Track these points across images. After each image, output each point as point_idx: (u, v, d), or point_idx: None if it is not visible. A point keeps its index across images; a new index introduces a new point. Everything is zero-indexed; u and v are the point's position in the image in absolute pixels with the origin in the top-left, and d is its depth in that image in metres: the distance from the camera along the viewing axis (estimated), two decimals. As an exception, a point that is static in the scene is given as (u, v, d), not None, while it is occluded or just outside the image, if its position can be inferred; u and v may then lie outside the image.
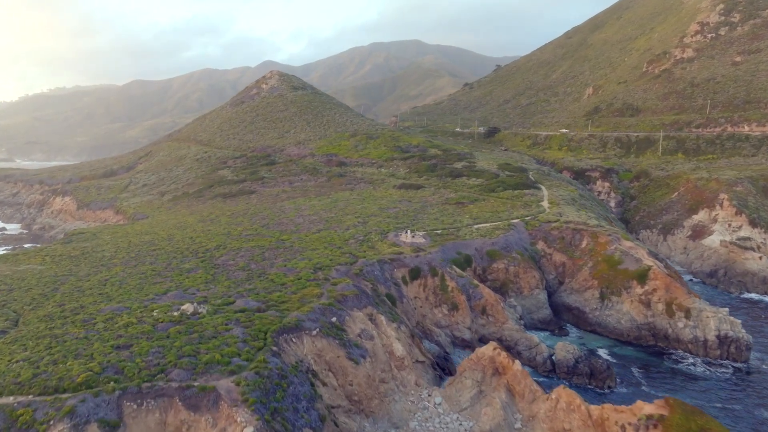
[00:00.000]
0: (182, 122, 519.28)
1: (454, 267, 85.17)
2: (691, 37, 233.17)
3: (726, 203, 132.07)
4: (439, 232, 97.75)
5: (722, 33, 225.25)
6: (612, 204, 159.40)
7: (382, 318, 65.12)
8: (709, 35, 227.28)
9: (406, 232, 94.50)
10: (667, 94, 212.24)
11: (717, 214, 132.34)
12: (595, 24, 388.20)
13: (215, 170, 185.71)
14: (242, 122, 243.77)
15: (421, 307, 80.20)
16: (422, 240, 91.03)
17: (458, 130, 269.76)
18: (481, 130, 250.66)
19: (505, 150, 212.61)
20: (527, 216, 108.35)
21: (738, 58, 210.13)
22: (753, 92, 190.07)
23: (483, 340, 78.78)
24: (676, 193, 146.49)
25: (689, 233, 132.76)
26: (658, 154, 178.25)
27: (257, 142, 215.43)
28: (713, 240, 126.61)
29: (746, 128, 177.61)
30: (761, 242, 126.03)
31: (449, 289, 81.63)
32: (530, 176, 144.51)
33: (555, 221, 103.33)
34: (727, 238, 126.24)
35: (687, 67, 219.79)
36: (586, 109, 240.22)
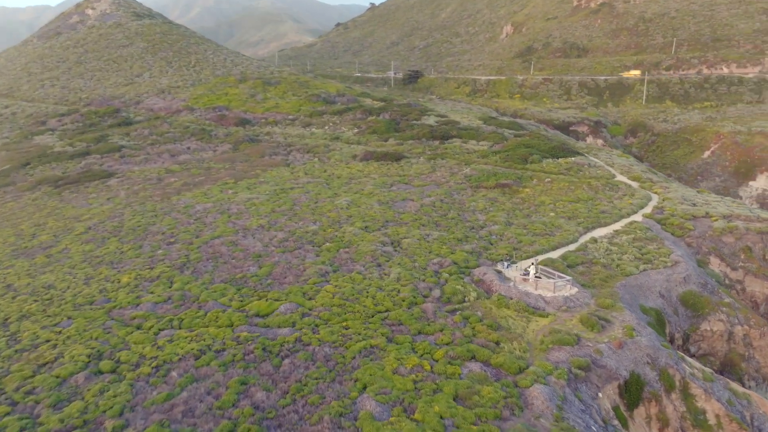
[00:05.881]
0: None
1: (693, 364, 38.59)
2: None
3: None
4: (552, 256, 50.03)
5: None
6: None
7: None
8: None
9: (512, 264, 45.74)
10: (617, 31, 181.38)
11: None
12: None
13: (29, 136, 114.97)
14: (63, 62, 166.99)
15: (680, 485, 32.66)
16: (573, 289, 42.69)
17: (358, 74, 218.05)
18: (394, 74, 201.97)
19: (441, 99, 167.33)
20: (641, 207, 64.83)
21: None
22: (718, 29, 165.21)
23: None
24: (707, 152, 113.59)
25: (754, 206, 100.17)
26: (641, 101, 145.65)
27: (93, 91, 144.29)
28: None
29: (725, 69, 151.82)
30: None
31: (708, 417, 35.12)
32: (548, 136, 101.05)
33: (704, 216, 61.01)
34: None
35: (631, 0, 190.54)
36: (515, 49, 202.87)
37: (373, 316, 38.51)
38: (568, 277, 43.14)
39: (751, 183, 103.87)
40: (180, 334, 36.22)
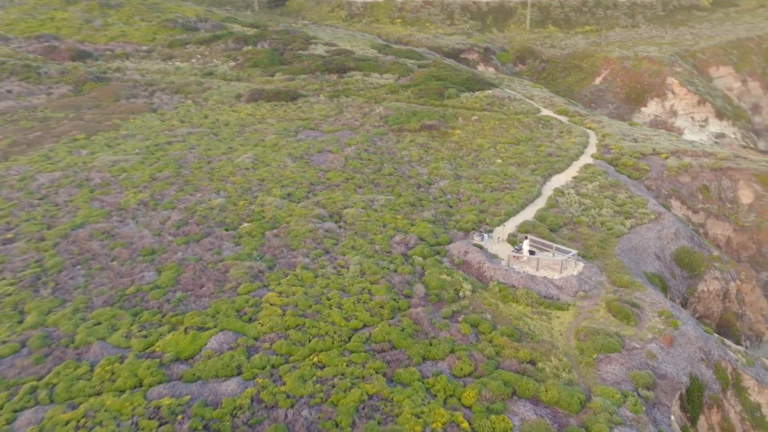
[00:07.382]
0: None
1: (731, 345, 32.72)
2: None
3: (679, 89, 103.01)
4: (527, 217, 41.84)
5: None
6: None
7: None
8: None
9: (490, 235, 36.77)
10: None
11: (673, 105, 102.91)
12: None
13: None
14: None
15: None
16: (579, 265, 34.70)
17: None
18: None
19: (315, 24, 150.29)
20: (584, 146, 58.87)
21: None
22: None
23: None
24: (599, 79, 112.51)
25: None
26: (525, 26, 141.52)
27: None
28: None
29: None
30: (734, 138, 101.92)
31: (764, 412, 29.66)
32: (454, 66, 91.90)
33: (652, 153, 56.45)
34: (704, 138, 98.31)
35: None
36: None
37: (350, 339, 27.27)
38: (573, 251, 34.90)
39: (642, 109, 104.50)
40: (55, 417, 22.27)
